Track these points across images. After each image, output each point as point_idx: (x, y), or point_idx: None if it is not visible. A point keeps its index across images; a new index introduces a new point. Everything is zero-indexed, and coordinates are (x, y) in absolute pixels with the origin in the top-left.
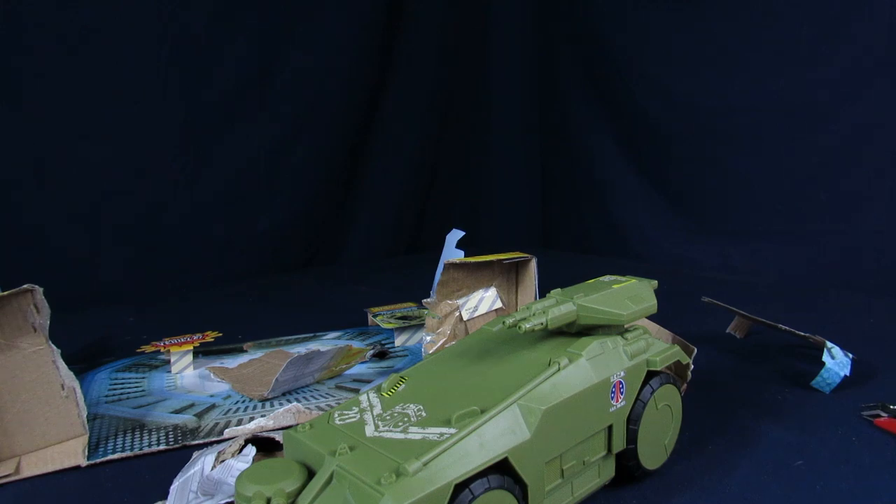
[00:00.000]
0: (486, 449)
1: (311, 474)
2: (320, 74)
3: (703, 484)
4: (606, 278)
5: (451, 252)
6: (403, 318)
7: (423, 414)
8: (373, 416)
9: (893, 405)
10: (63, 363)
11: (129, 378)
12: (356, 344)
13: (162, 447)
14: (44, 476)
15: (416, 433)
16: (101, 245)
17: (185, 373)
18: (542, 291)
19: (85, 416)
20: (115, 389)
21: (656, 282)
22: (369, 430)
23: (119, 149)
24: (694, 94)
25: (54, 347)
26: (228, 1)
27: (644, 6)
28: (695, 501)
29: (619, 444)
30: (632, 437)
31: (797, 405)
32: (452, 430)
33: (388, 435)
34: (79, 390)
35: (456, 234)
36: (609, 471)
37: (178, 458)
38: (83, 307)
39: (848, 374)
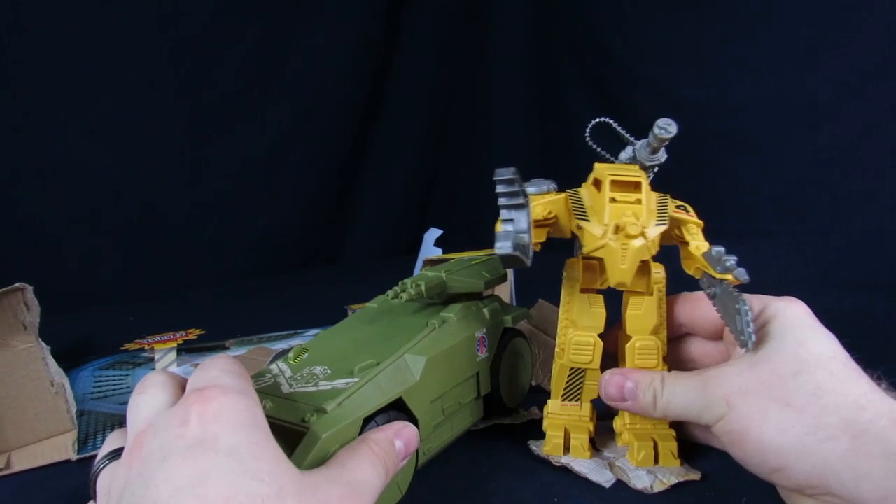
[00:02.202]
0: (384, 392)
1: None
2: (320, 75)
3: (702, 484)
4: (466, 256)
5: (430, 250)
6: None
7: (329, 372)
8: (285, 378)
9: None
10: (52, 360)
11: (114, 375)
12: None
13: None
14: (34, 470)
15: (325, 386)
16: (101, 245)
17: (169, 370)
18: (530, 288)
19: (74, 411)
20: (99, 387)
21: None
22: (284, 389)
23: (119, 149)
24: (694, 93)
25: (44, 345)
26: (229, 2)
27: (644, 6)
28: (696, 500)
29: (486, 387)
30: (494, 381)
31: None
32: (356, 379)
33: (302, 390)
34: (68, 387)
35: (433, 233)
36: (479, 411)
37: None
38: (83, 307)
39: None
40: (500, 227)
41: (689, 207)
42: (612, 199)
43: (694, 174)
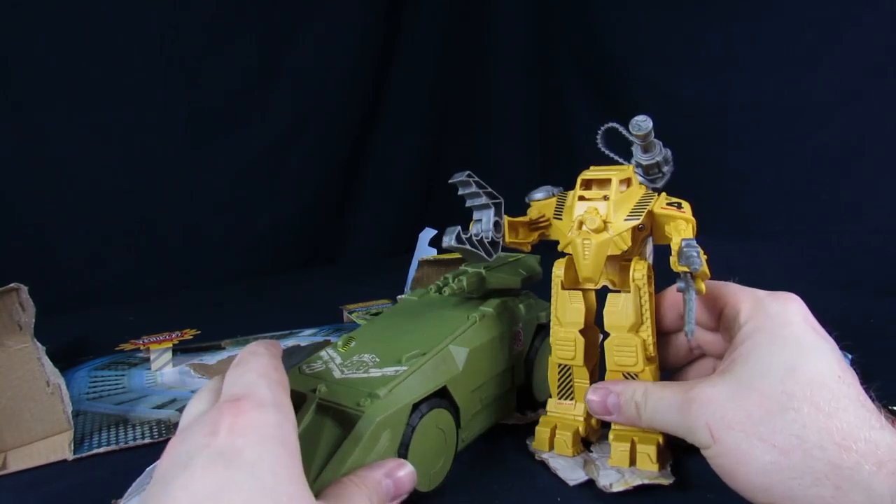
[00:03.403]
0: (430, 380)
1: None
2: (320, 75)
3: (703, 484)
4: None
5: (424, 250)
6: (378, 314)
7: (377, 360)
8: (336, 365)
9: (893, 406)
10: (48, 360)
11: (109, 376)
12: (333, 340)
13: (147, 440)
14: (31, 470)
15: (376, 373)
16: (102, 245)
17: (165, 370)
18: (530, 288)
19: (70, 411)
20: (95, 387)
21: (539, 256)
22: (337, 375)
23: (118, 148)
24: (694, 94)
25: (39, 345)
26: (229, 2)
27: (644, 6)
28: (697, 499)
29: (520, 379)
30: (528, 373)
31: None
32: (405, 367)
33: (354, 376)
34: (64, 387)
35: (428, 233)
36: (512, 402)
37: (162, 450)
38: (79, 307)
39: None
40: (471, 226)
41: (683, 203)
42: (581, 198)
43: (694, 174)
